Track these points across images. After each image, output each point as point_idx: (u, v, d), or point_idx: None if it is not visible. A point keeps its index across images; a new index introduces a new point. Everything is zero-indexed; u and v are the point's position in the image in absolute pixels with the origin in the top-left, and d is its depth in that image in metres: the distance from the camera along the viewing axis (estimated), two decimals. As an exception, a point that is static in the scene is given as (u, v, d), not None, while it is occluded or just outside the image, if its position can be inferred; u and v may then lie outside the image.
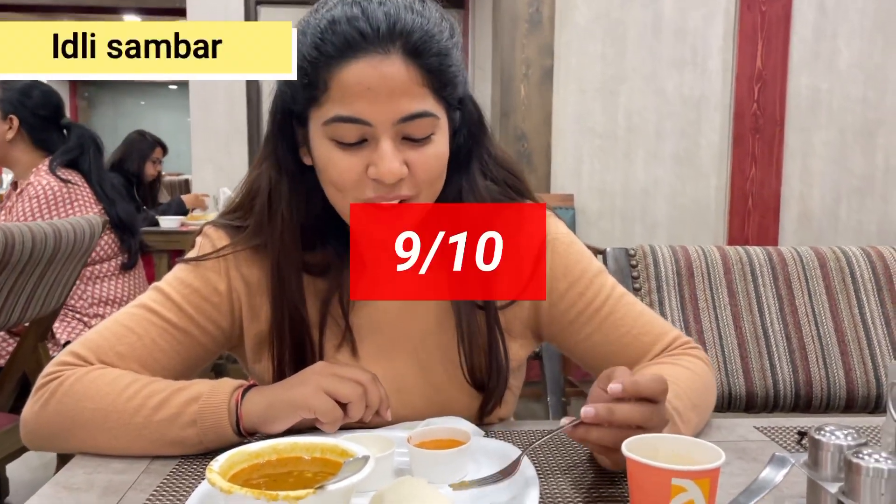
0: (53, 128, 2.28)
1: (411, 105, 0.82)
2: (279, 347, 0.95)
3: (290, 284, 0.93)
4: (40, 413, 0.86)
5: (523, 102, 3.49)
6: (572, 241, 1.00)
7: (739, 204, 3.55)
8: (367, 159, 0.83)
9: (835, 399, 1.27)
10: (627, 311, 0.97)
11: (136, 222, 2.40)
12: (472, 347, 0.94)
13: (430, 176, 0.86)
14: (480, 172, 0.96)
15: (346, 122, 0.82)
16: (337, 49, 0.81)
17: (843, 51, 3.49)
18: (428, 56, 0.82)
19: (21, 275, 1.67)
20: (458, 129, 0.92)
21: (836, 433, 0.70)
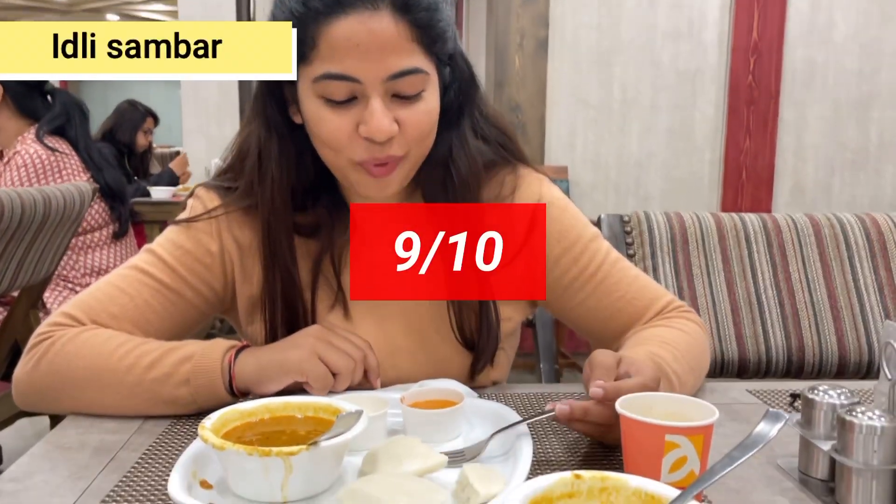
0: (37, 94, 2.25)
1: (401, 62, 0.81)
2: (271, 309, 0.94)
3: (281, 245, 0.92)
4: (32, 372, 0.86)
5: (518, 73, 3.47)
6: (567, 205, 0.99)
7: (733, 177, 3.54)
8: (358, 117, 0.83)
9: (826, 364, 1.27)
10: (622, 275, 0.97)
11: (125, 189, 2.37)
12: (462, 306, 0.94)
13: (421, 133, 0.86)
14: (471, 130, 0.95)
15: (336, 79, 0.81)
16: (325, 5, 0.79)
17: (838, 23, 3.47)
18: (417, 11, 0.80)
19: (10, 241, 1.65)
20: (449, 85, 0.91)
21: (830, 392, 0.71)
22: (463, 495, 0.62)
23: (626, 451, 0.65)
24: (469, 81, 0.94)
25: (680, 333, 0.92)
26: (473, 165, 0.94)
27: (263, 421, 0.72)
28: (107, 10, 10.41)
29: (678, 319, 0.96)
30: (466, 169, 0.93)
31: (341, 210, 0.96)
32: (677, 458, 0.62)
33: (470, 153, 0.93)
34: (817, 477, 0.70)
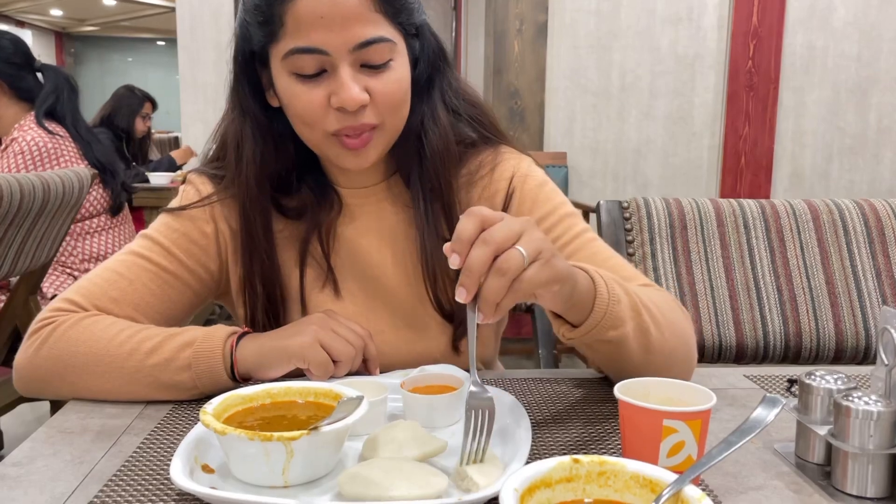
0: (29, 74, 2.22)
1: (366, 31, 0.83)
2: (251, 293, 0.96)
3: (257, 230, 0.94)
4: (34, 357, 0.86)
5: (517, 59, 3.46)
6: (545, 181, 0.99)
7: (732, 163, 3.54)
8: (329, 89, 0.85)
9: (824, 350, 1.28)
10: (595, 251, 0.94)
11: (116, 164, 2.35)
12: (437, 282, 0.94)
13: (393, 101, 0.87)
14: (442, 102, 0.96)
15: (304, 52, 0.83)
16: None
17: (838, 8, 3.46)
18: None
19: (10, 227, 1.65)
20: (418, 57, 0.93)
21: (826, 377, 0.71)
22: (463, 485, 0.63)
23: (625, 436, 0.66)
24: (437, 54, 0.95)
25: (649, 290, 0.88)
26: (445, 136, 0.94)
27: (264, 406, 0.72)
28: (104, -5, 10.34)
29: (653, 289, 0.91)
30: (438, 140, 0.94)
31: (327, 191, 0.98)
32: (675, 442, 0.62)
33: (441, 124, 0.94)
34: (814, 461, 0.70)
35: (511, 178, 0.98)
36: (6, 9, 11.25)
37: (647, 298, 0.81)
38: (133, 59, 14.14)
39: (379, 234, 0.98)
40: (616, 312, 0.75)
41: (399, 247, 0.98)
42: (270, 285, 0.96)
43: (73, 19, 12.45)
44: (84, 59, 13.86)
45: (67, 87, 2.25)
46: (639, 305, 0.78)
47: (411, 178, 0.96)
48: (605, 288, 0.74)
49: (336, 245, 0.98)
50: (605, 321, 0.74)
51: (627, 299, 0.77)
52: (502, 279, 0.63)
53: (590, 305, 0.74)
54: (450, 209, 0.95)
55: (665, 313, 0.83)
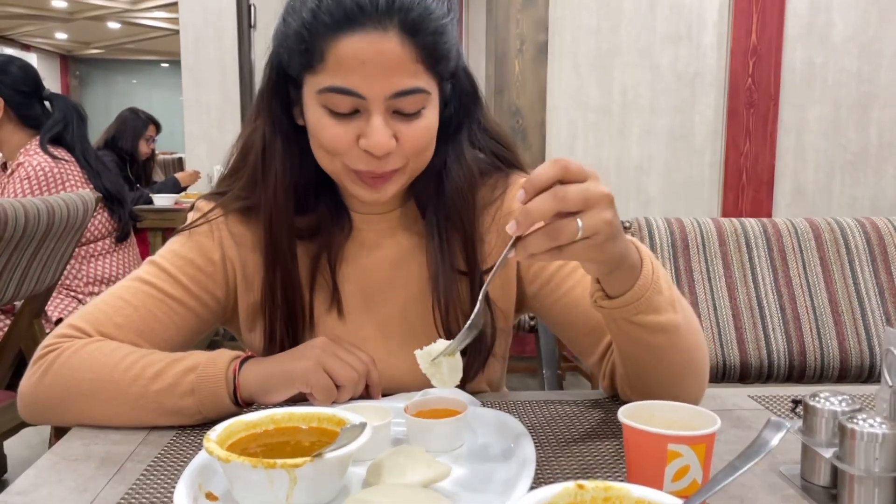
0: (36, 102, 2.23)
1: (405, 81, 0.82)
2: (271, 311, 0.96)
3: (283, 245, 0.94)
4: (38, 384, 0.86)
5: (518, 78, 3.47)
6: None
7: (733, 179, 3.54)
8: (359, 130, 0.85)
9: (828, 369, 1.28)
10: None
11: (124, 193, 2.36)
12: (450, 312, 0.94)
13: (418, 147, 0.87)
14: (469, 142, 0.97)
15: (340, 93, 0.82)
16: (334, 20, 0.80)
17: (837, 24, 3.47)
18: (425, 34, 0.82)
19: (15, 251, 1.66)
20: (449, 100, 0.93)
21: (831, 399, 0.71)
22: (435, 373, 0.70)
23: (629, 461, 0.66)
24: (470, 96, 0.96)
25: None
26: (468, 178, 0.95)
27: (268, 432, 0.72)
28: (108, 18, 10.44)
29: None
30: (460, 181, 0.94)
31: (340, 213, 0.98)
32: (680, 467, 0.62)
33: (465, 165, 0.95)
34: (819, 484, 0.70)
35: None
36: (12, 32, 11.37)
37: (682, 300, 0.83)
38: (137, 80, 14.25)
39: (388, 260, 0.98)
40: (652, 300, 0.77)
41: (408, 273, 0.98)
42: (291, 301, 0.95)
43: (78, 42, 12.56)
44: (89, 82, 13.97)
45: (76, 116, 2.26)
46: (676, 303, 0.80)
47: (428, 211, 0.96)
48: (651, 274, 0.76)
49: (344, 267, 0.98)
50: (639, 304, 0.76)
51: (668, 293, 0.79)
52: (549, 241, 0.65)
53: (629, 285, 0.76)
54: (466, 243, 0.95)
55: (693, 318, 0.85)
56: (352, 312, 0.98)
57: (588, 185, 0.66)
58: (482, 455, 0.77)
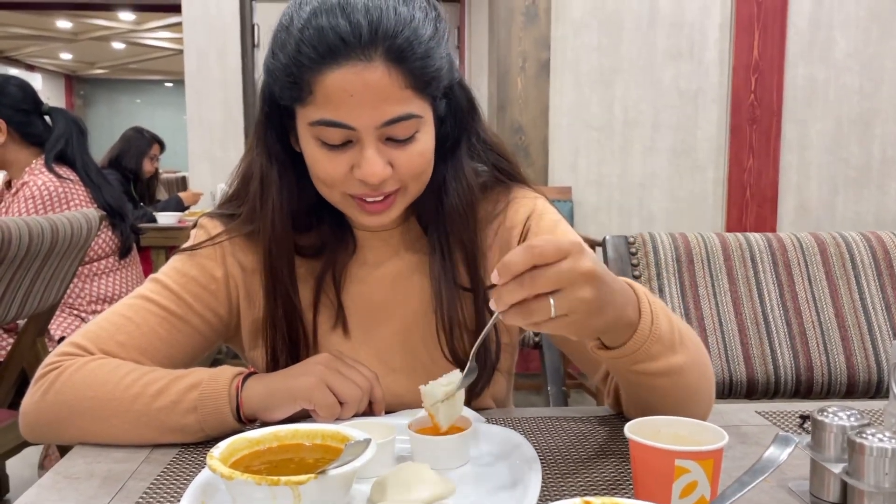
0: (37, 118, 2.22)
1: (394, 109, 0.82)
2: (272, 334, 0.96)
3: (282, 271, 0.94)
4: (40, 403, 0.86)
5: (520, 95, 3.49)
6: (559, 220, 1.00)
7: (737, 195, 3.55)
8: (352, 160, 0.85)
9: (836, 384, 1.27)
10: None
11: (125, 207, 2.35)
12: (453, 329, 0.94)
13: (415, 171, 0.87)
14: (468, 156, 0.96)
15: (330, 126, 0.83)
16: (319, 54, 0.80)
17: (839, 41, 3.49)
18: (411, 60, 0.81)
19: (19, 269, 1.66)
20: (445, 117, 0.92)
21: (839, 414, 0.70)
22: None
23: (636, 477, 0.65)
24: (467, 111, 0.95)
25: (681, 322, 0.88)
26: (467, 193, 0.94)
27: (272, 449, 0.71)
28: (112, 39, 10.53)
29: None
30: (459, 197, 0.93)
31: (343, 231, 0.98)
32: (687, 482, 0.61)
33: (464, 181, 0.94)
34: (829, 500, 0.69)
35: (527, 218, 0.98)
36: (17, 53, 11.47)
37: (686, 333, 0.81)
38: (141, 100, 14.34)
39: (392, 277, 0.98)
40: (651, 350, 0.74)
41: (412, 290, 0.97)
42: (292, 325, 0.95)
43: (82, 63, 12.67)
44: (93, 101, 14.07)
45: (76, 130, 2.25)
46: (678, 344, 0.77)
47: (430, 229, 0.96)
48: (650, 325, 0.74)
49: (349, 285, 0.98)
50: (636, 355, 0.74)
51: (670, 337, 0.76)
52: (523, 319, 0.65)
53: (626, 339, 0.74)
54: (469, 259, 0.95)
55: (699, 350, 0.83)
56: (356, 330, 0.97)
57: (562, 268, 0.64)
58: (487, 472, 0.76)
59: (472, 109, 0.96)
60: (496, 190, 1.00)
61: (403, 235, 0.99)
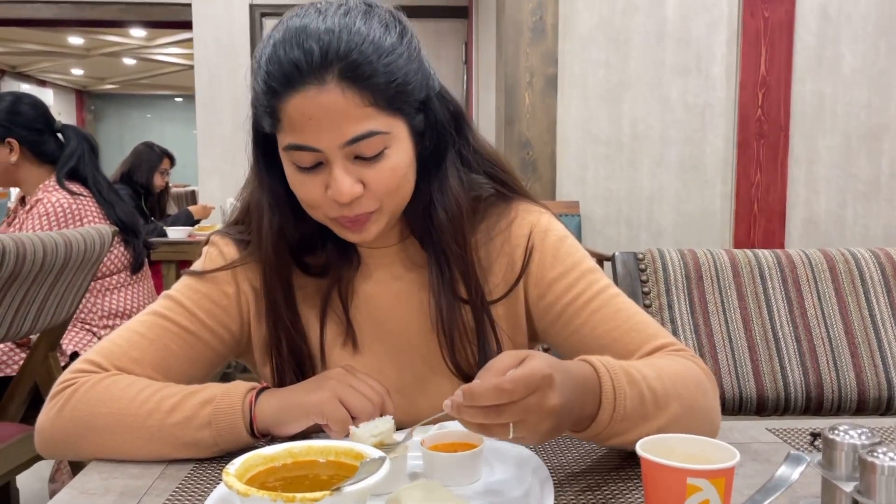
0: (50, 136, 2.24)
1: (355, 128, 0.83)
2: (277, 357, 0.97)
3: (279, 298, 0.95)
4: (55, 420, 0.87)
5: (527, 110, 3.51)
6: (566, 236, 0.99)
7: (745, 210, 3.54)
8: (325, 180, 0.86)
9: (846, 401, 1.27)
10: (619, 308, 0.93)
11: (138, 222, 2.36)
12: (454, 340, 0.95)
13: (388, 188, 0.87)
14: (455, 168, 0.95)
15: (299, 149, 0.85)
16: (279, 83, 0.83)
17: (846, 56, 3.50)
18: (368, 77, 0.82)
19: (32, 285, 1.68)
20: (425, 131, 0.91)
21: (850, 432, 0.70)
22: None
23: (648, 495, 0.65)
24: (448, 122, 0.94)
25: (672, 362, 0.86)
26: (453, 207, 0.93)
27: (286, 465, 0.72)
28: (123, 55, 10.62)
29: (677, 356, 0.89)
30: (446, 212, 0.93)
31: (348, 249, 0.99)
32: (699, 501, 0.62)
33: (450, 195, 0.93)
34: (841, 518, 0.69)
35: (530, 234, 0.98)
36: (29, 69, 11.58)
37: (671, 390, 0.80)
38: (151, 115, 14.45)
39: (396, 292, 0.99)
40: (618, 427, 0.76)
41: (416, 305, 0.98)
42: (296, 347, 0.96)
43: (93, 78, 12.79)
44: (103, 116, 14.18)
45: (88, 147, 2.26)
46: (659, 407, 0.78)
47: (424, 243, 0.97)
48: (612, 405, 0.75)
49: (356, 301, 0.99)
50: (605, 433, 0.76)
51: (641, 409, 0.76)
52: (481, 430, 0.68)
53: (588, 423, 0.75)
54: (466, 270, 0.95)
55: (687, 401, 0.81)
56: (365, 346, 0.98)
57: (529, 403, 0.66)
58: (499, 489, 0.77)
59: (458, 120, 0.95)
60: (499, 205, 1.00)
61: (405, 251, 1.00)
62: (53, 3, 5.54)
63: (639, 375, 0.78)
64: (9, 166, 2.20)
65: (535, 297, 0.98)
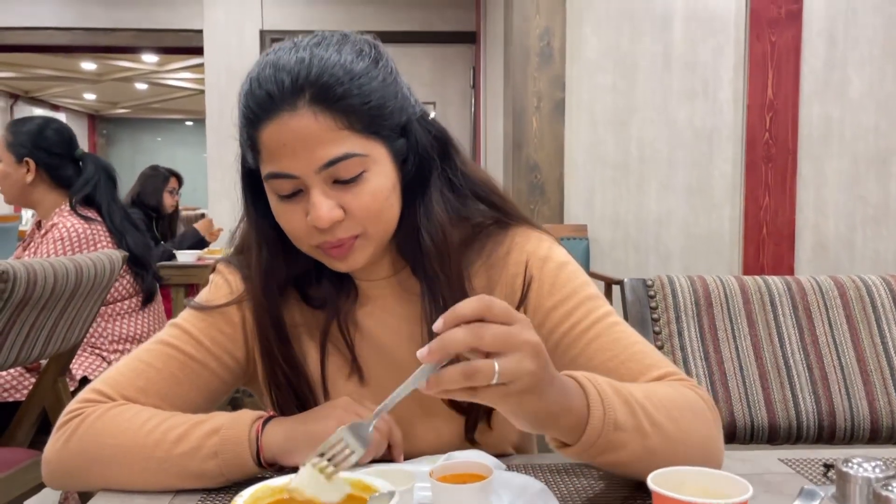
0: (69, 162, 2.27)
1: (329, 151, 0.83)
2: (276, 392, 0.97)
3: (270, 336, 0.95)
4: (62, 451, 0.87)
5: (535, 134, 3.52)
6: (566, 262, 0.97)
7: (754, 233, 3.54)
8: (305, 208, 0.86)
9: (859, 430, 1.25)
10: (617, 337, 0.91)
11: (149, 255, 2.36)
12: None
13: (369, 213, 0.87)
14: (440, 194, 0.94)
15: (277, 177, 0.85)
16: (254, 113, 0.84)
17: (853, 80, 3.50)
18: (338, 99, 0.82)
19: (43, 310, 1.68)
20: (406, 156, 0.91)
21: (864, 465, 0.70)
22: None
23: (659, 529, 0.65)
24: (431, 146, 0.93)
25: (666, 387, 0.84)
26: (439, 231, 0.92)
27: (294, 498, 0.72)
28: (135, 79, 10.74)
29: (675, 384, 0.86)
30: (431, 237, 0.92)
31: (346, 281, 0.99)
32: (712, 535, 0.61)
33: (436, 220, 0.92)
34: (856, 553, 0.68)
35: (527, 262, 0.96)
36: (42, 94, 11.72)
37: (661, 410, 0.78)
38: (162, 138, 14.58)
39: (394, 324, 0.98)
40: (611, 439, 0.73)
41: (413, 336, 0.97)
42: (294, 380, 0.96)
43: (105, 102, 12.93)
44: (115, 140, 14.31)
45: (105, 175, 2.29)
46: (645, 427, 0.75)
47: (416, 271, 0.95)
48: (602, 416, 0.72)
49: (355, 333, 0.98)
50: (596, 447, 0.73)
51: (632, 421, 0.74)
52: (463, 379, 0.63)
53: (580, 433, 0.72)
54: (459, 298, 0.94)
55: (681, 424, 0.79)
56: (368, 377, 0.98)
57: (511, 330, 0.64)
58: (509, 521, 0.76)
59: (443, 145, 0.95)
60: (496, 232, 0.98)
61: (401, 283, 0.98)
62: (67, 29, 5.63)
63: (625, 390, 0.76)
64: (24, 186, 2.23)
65: (534, 326, 0.96)
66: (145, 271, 2.30)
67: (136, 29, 5.62)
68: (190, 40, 5.56)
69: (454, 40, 5.50)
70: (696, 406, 0.83)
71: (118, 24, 5.61)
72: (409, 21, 5.40)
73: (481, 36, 5.15)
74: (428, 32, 5.43)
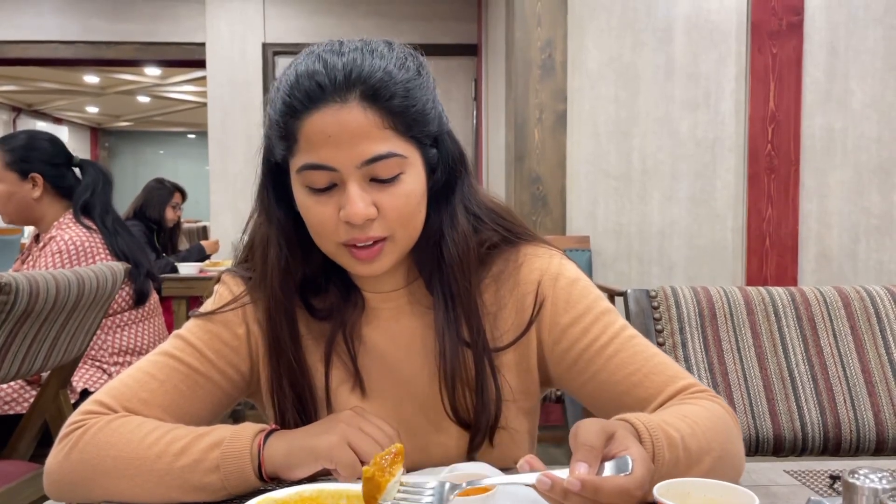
0: (68, 171, 2.26)
1: (373, 147, 0.84)
2: (280, 396, 0.96)
3: (283, 334, 0.94)
4: (63, 462, 0.86)
5: (538, 146, 3.53)
6: (578, 278, 0.97)
7: (757, 244, 3.53)
8: (338, 203, 0.86)
9: (864, 441, 1.24)
10: (637, 350, 0.92)
11: (140, 256, 2.32)
12: (455, 384, 0.93)
13: (402, 214, 0.88)
14: (462, 207, 0.95)
15: (314, 168, 0.85)
16: (301, 103, 0.84)
17: (855, 91, 3.51)
18: (387, 99, 0.84)
19: (45, 323, 1.68)
20: (436, 165, 0.93)
21: (871, 476, 0.69)
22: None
23: (665, 541, 0.64)
24: (457, 161, 0.95)
25: (702, 411, 0.86)
26: (464, 242, 0.93)
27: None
28: (138, 93, 10.79)
29: (702, 400, 0.89)
30: (456, 246, 0.93)
31: (352, 293, 0.98)
32: (718, 548, 0.60)
33: (460, 230, 0.94)
34: (863, 566, 0.68)
35: (539, 280, 0.97)
36: (45, 107, 11.78)
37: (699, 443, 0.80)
38: (164, 151, 14.63)
39: (402, 337, 0.98)
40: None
41: (421, 349, 0.97)
42: (299, 386, 0.95)
43: (108, 115, 12.98)
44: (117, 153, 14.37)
45: (103, 180, 2.28)
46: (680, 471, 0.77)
47: (431, 283, 0.95)
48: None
49: (360, 346, 0.98)
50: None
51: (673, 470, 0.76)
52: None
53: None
54: (471, 314, 0.94)
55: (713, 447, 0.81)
56: (372, 390, 0.97)
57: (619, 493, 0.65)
58: (512, 534, 0.75)
59: (462, 160, 0.96)
60: (505, 250, 0.98)
61: (411, 295, 0.98)
62: (71, 43, 5.66)
63: (677, 436, 0.78)
64: (31, 202, 2.21)
65: (549, 344, 0.96)
66: (136, 270, 2.26)
67: (139, 42, 5.65)
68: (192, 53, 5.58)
69: (456, 53, 5.52)
70: (728, 427, 0.86)
71: (121, 38, 5.64)
72: (410, 33, 5.43)
73: (483, 48, 5.17)
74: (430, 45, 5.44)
